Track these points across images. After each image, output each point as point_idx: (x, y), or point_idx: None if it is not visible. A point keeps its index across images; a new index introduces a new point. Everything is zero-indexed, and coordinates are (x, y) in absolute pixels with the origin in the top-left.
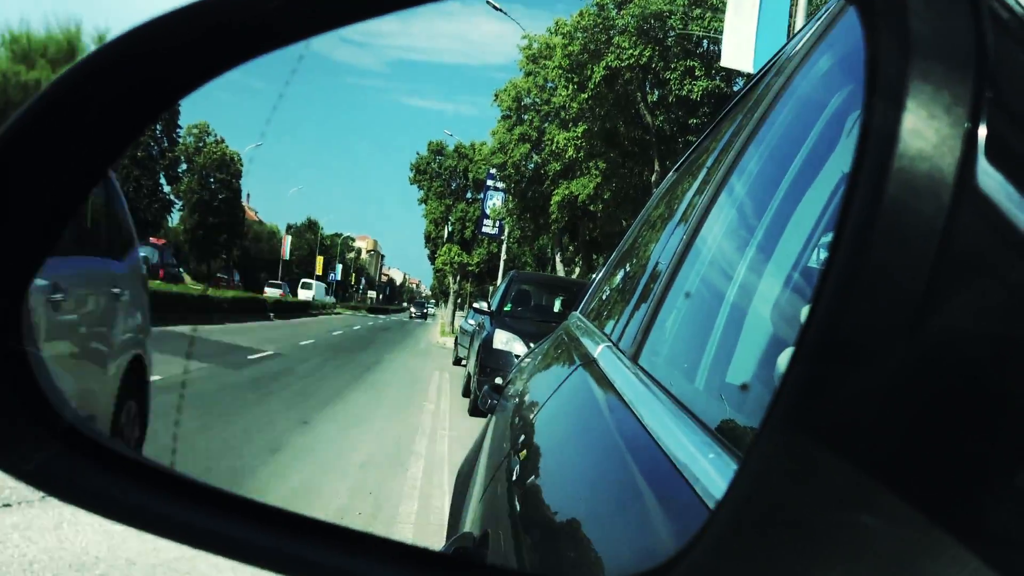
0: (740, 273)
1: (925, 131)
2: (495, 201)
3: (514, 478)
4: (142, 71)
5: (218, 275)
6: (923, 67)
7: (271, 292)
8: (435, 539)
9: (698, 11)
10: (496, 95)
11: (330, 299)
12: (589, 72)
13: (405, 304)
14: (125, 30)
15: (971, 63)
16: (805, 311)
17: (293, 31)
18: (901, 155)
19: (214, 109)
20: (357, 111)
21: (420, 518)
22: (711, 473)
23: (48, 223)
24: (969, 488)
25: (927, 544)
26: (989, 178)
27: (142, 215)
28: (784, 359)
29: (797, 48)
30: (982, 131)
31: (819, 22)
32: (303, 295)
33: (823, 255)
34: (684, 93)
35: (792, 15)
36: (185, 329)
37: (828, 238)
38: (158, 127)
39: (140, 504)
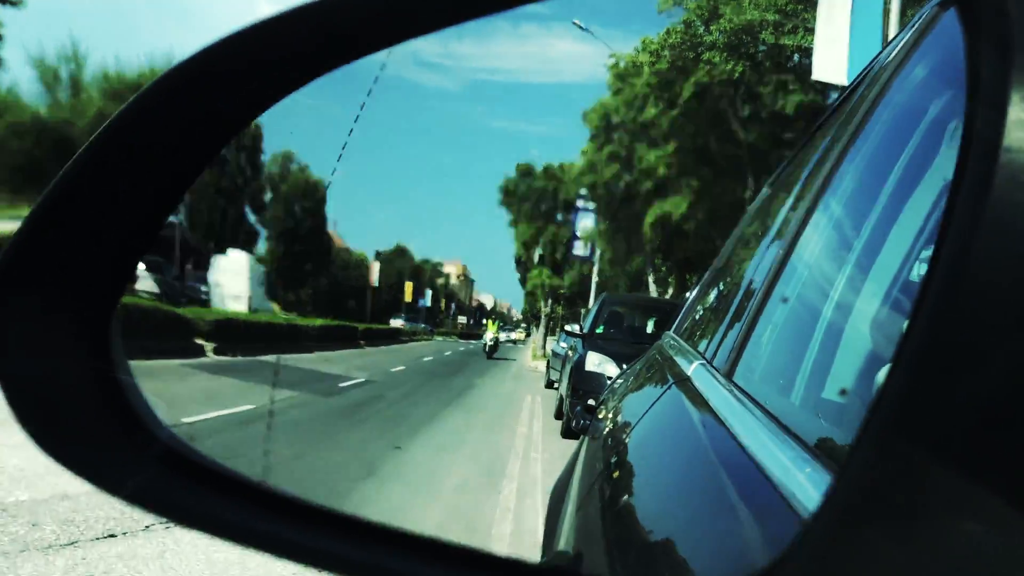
0: (837, 288)
1: None
2: (586, 222)
3: (608, 497)
4: (227, 84)
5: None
6: None
7: (395, 323)
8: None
9: (790, 24)
10: (584, 115)
11: (422, 326)
12: (678, 89)
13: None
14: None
15: None
16: (906, 325)
17: (380, 37)
18: (1005, 155)
19: (296, 137)
20: (440, 134)
21: (514, 539)
22: (808, 488)
23: (126, 259)
24: None
25: None
26: None
27: (228, 246)
28: (883, 374)
29: (891, 56)
30: None
31: (913, 29)
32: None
33: (924, 269)
34: (778, 108)
35: (885, 24)
36: (272, 358)
37: (930, 252)
38: (242, 156)
39: (237, 520)
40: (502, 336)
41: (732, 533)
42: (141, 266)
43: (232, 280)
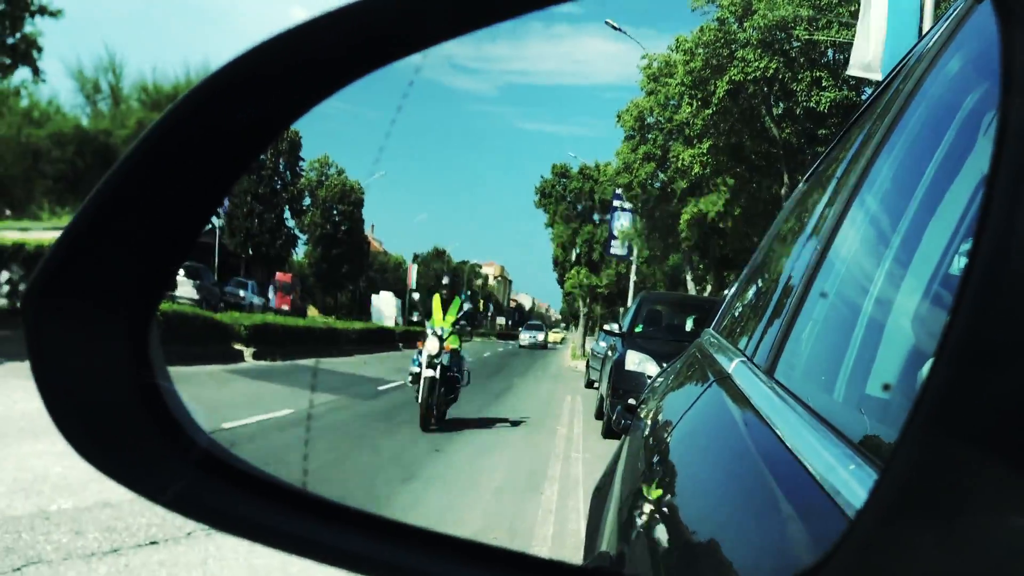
0: (877, 283)
1: None
2: (622, 221)
3: (650, 497)
4: (266, 88)
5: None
6: None
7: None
8: (571, 561)
9: (824, 19)
10: (619, 115)
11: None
12: (712, 87)
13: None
14: (246, 48)
15: None
16: (946, 321)
17: (415, 40)
18: None
19: (333, 141)
20: (475, 137)
21: (556, 541)
22: (852, 484)
23: (165, 265)
24: None
25: None
26: None
27: (266, 250)
28: (926, 369)
29: (926, 50)
30: None
31: (947, 22)
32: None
33: (964, 262)
34: (811, 104)
35: (920, 18)
36: (310, 362)
37: (969, 245)
38: (281, 162)
39: (277, 526)
40: (525, 338)
41: (777, 532)
42: (180, 272)
43: (385, 308)
